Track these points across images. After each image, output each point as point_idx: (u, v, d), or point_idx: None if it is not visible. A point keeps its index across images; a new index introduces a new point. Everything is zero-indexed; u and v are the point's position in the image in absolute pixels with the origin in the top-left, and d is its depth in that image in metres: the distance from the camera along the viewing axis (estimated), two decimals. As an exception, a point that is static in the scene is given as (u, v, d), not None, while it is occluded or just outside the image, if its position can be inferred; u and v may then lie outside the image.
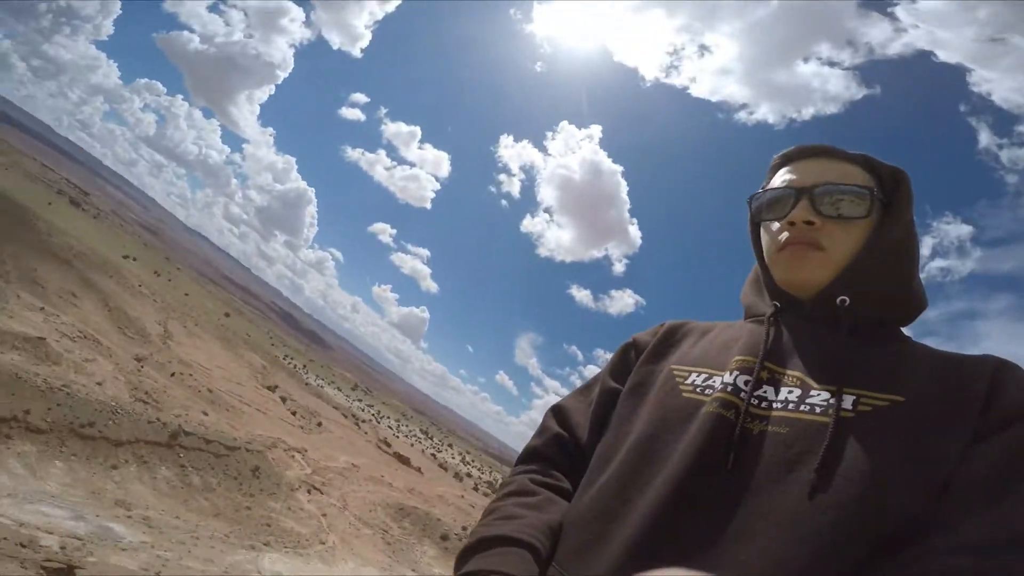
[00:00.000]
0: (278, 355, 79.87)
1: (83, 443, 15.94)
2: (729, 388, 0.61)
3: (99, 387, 19.58)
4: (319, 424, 46.32)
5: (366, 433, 61.02)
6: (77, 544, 11.77)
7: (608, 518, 0.58)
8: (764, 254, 0.72)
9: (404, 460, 55.23)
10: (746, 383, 0.60)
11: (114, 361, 24.17)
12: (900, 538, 0.47)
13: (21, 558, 9.96)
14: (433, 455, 78.25)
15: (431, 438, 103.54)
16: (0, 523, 11.19)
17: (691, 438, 0.58)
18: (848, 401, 0.54)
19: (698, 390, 0.64)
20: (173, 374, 30.06)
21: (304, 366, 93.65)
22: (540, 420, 0.84)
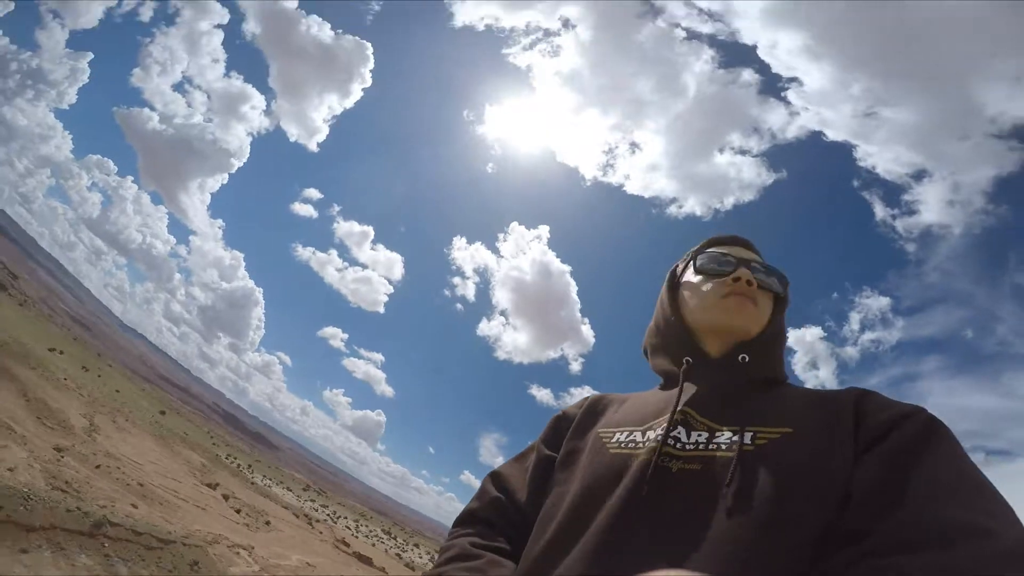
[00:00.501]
0: (219, 454, 73.21)
1: None
2: (650, 439, 0.69)
3: (10, 473, 16.99)
4: (267, 523, 41.40)
5: (321, 533, 54.99)
6: None
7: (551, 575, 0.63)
8: (696, 304, 0.81)
9: (366, 560, 49.68)
10: (663, 429, 0.69)
11: (28, 449, 21.22)
12: (820, 547, 0.53)
13: None
14: (398, 555, 71.52)
15: (394, 538, 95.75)
16: None
17: (619, 486, 0.65)
18: (748, 437, 0.63)
19: (623, 445, 0.72)
20: (98, 466, 26.53)
21: (249, 466, 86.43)
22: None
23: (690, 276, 0.85)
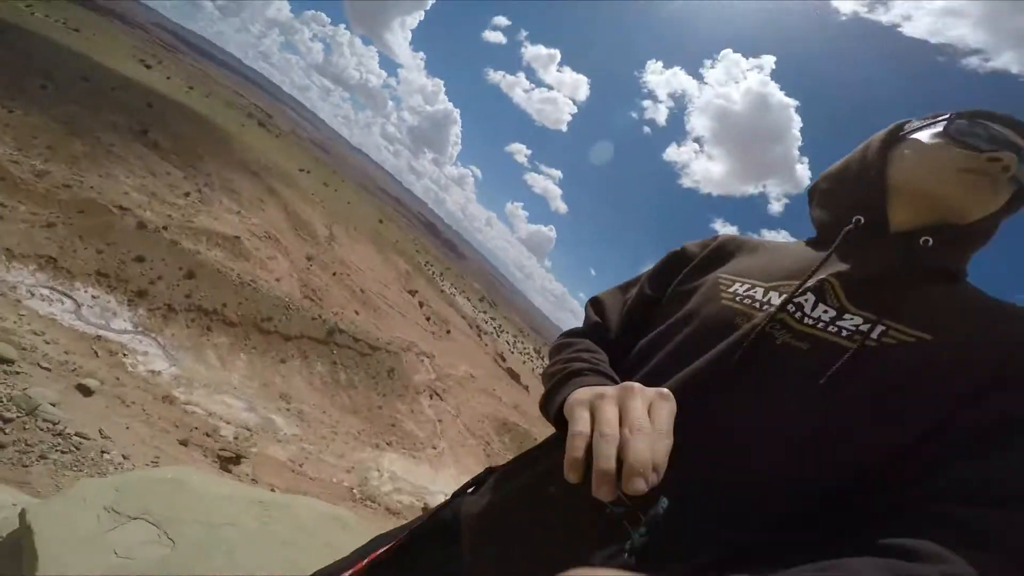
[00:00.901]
0: (420, 261, 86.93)
1: (262, 337, 19.25)
2: (770, 301, 0.60)
3: (277, 283, 23.31)
4: (448, 332, 50.90)
5: (486, 345, 65.44)
6: (246, 435, 14.50)
7: None
8: (918, 165, 0.65)
9: (515, 376, 58.67)
10: (789, 293, 0.60)
11: (290, 259, 28.66)
12: (888, 473, 0.48)
13: (204, 447, 12.54)
14: (541, 375, 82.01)
15: (543, 358, 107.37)
16: (195, 413, 14.01)
17: (715, 347, 0.58)
18: (877, 331, 0.53)
19: (737, 299, 0.63)
20: (335, 273, 34.95)
21: (441, 274, 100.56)
22: None
23: (926, 136, 0.67)
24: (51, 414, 8.59)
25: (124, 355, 15.22)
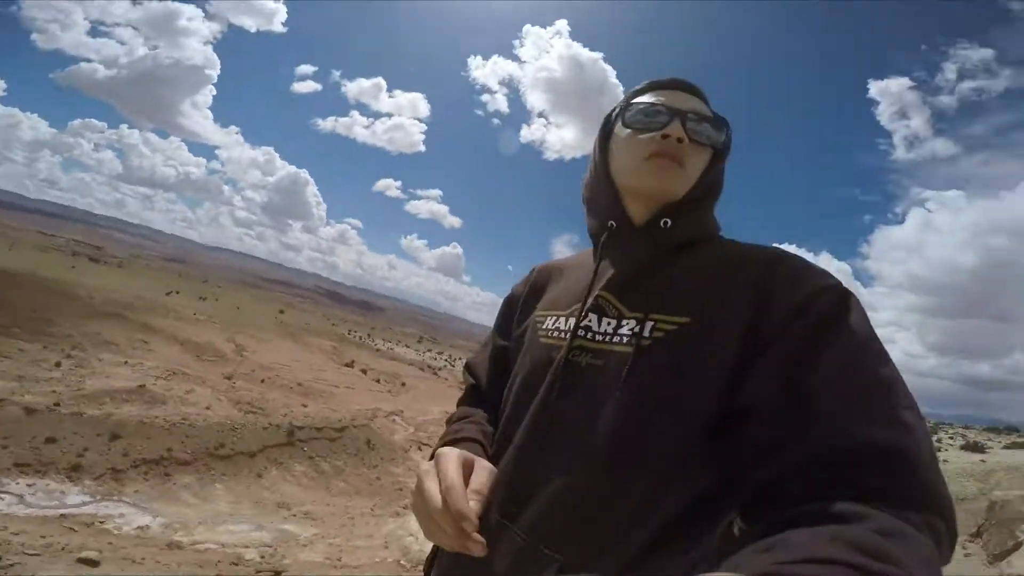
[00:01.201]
0: (342, 332, 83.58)
1: (225, 463, 17.71)
2: (569, 328, 0.68)
3: (209, 412, 21.25)
4: (403, 384, 49.09)
5: (446, 379, 64.33)
6: (270, 551, 13.44)
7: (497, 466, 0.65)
8: (621, 163, 0.73)
9: (489, 394, 58.64)
10: (576, 318, 0.67)
11: (209, 386, 25.97)
12: (723, 455, 0.53)
13: (239, 575, 11.66)
14: None
15: None
16: (210, 549, 12.95)
17: (542, 385, 0.66)
18: (647, 328, 0.60)
19: (551, 334, 0.71)
20: (263, 380, 32.15)
21: (368, 335, 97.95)
22: None
23: (620, 128, 0.75)
24: (76, 593, 8.18)
25: (101, 522, 13.79)
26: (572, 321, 0.68)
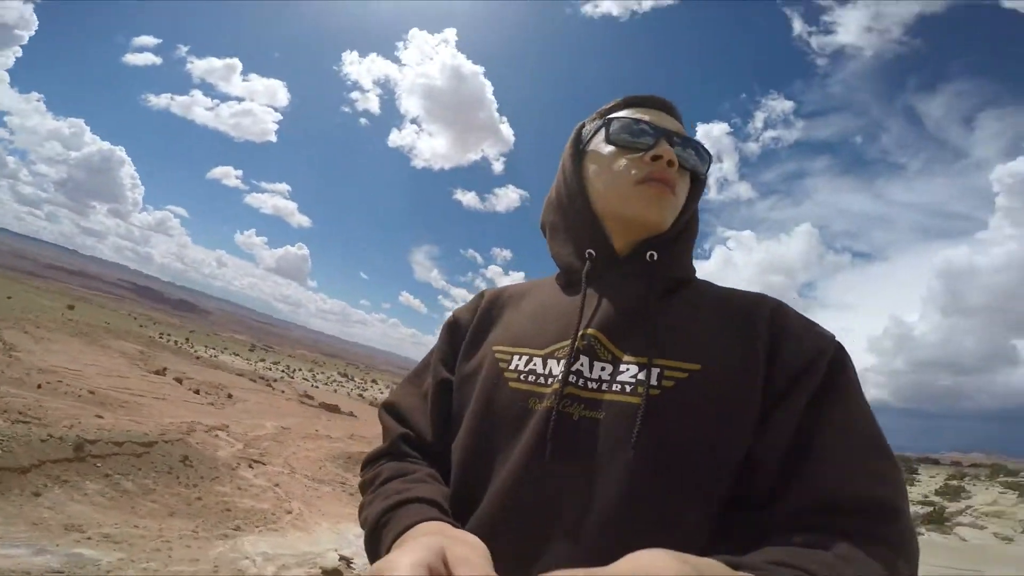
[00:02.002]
0: (151, 335, 71.55)
1: None
2: (553, 375, 0.60)
3: None
4: (229, 396, 43.51)
5: (283, 392, 58.49)
6: None
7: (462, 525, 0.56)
8: (604, 186, 0.68)
9: (333, 408, 54.41)
10: (566, 363, 0.59)
11: (-42, 390, 20.38)
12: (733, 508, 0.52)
13: None
14: (360, 395, 77.73)
15: (352, 379, 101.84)
16: None
17: (520, 440, 0.57)
18: (655, 376, 0.55)
19: (522, 377, 0.62)
20: (40, 386, 26.07)
21: (187, 339, 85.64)
22: None
23: (599, 145, 0.69)
24: None
25: None
26: (554, 364, 0.60)
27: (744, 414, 0.53)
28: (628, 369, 0.58)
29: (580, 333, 0.61)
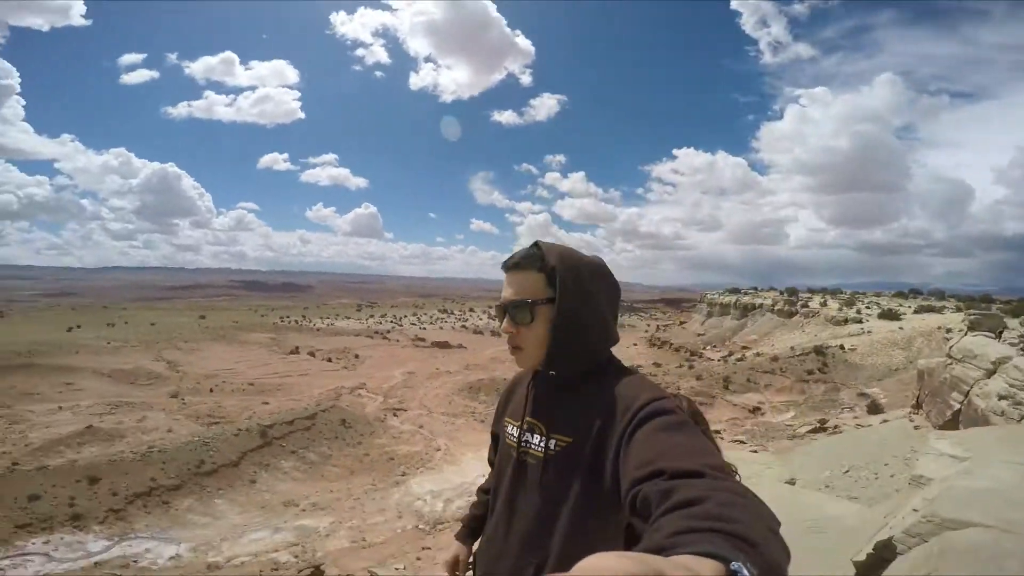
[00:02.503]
0: (274, 321, 79.50)
1: (214, 478, 17.28)
2: (518, 438, 1.01)
3: (171, 433, 20.34)
4: (356, 356, 48.24)
5: (398, 340, 63.43)
6: (299, 549, 13.78)
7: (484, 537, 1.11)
8: None
9: (444, 345, 58.46)
10: (519, 432, 1.02)
11: (158, 409, 24.69)
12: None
13: None
14: (463, 326, 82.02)
15: (452, 313, 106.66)
16: (244, 562, 13.08)
17: (506, 478, 1.02)
18: (552, 444, 0.93)
19: (511, 439, 1.03)
20: (211, 390, 30.84)
21: (303, 316, 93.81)
22: (527, 244, 1.03)
23: None
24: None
25: (135, 561, 14.15)
26: (516, 431, 1.02)
27: (604, 467, 0.81)
28: (543, 439, 0.95)
29: (526, 416, 1.01)
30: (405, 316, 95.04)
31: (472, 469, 17.88)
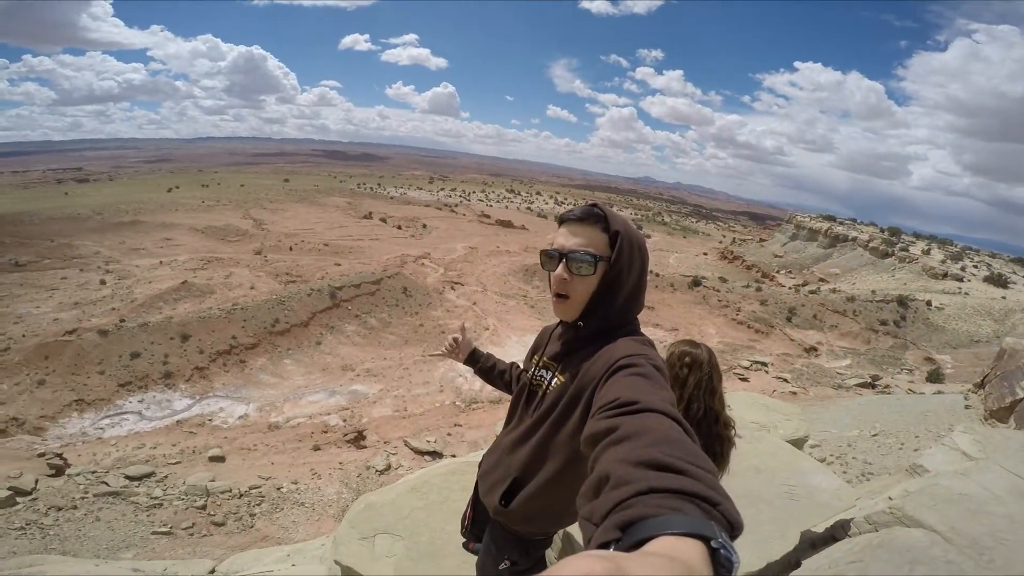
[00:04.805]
0: (352, 187, 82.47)
1: (285, 337, 19.25)
2: (534, 372, 1.16)
3: (254, 291, 22.46)
4: (424, 226, 49.78)
5: (464, 215, 64.43)
6: (348, 414, 15.41)
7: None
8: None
9: (507, 224, 58.73)
10: (537, 368, 1.16)
11: (244, 265, 27.14)
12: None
13: (331, 441, 13.71)
14: (528, 209, 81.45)
15: (519, 194, 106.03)
16: (300, 423, 15.01)
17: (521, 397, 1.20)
18: (553, 381, 1.07)
19: (529, 371, 1.19)
20: (291, 248, 33.28)
21: (378, 184, 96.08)
22: (607, 137, 1.30)
23: None
24: (220, 486, 10.98)
25: (210, 420, 15.97)
26: (532, 367, 1.18)
27: (572, 414, 0.99)
28: (548, 374, 1.10)
29: (543, 357, 1.15)
30: (474, 192, 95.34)
31: (516, 353, 18.53)
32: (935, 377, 18.68)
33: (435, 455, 12.53)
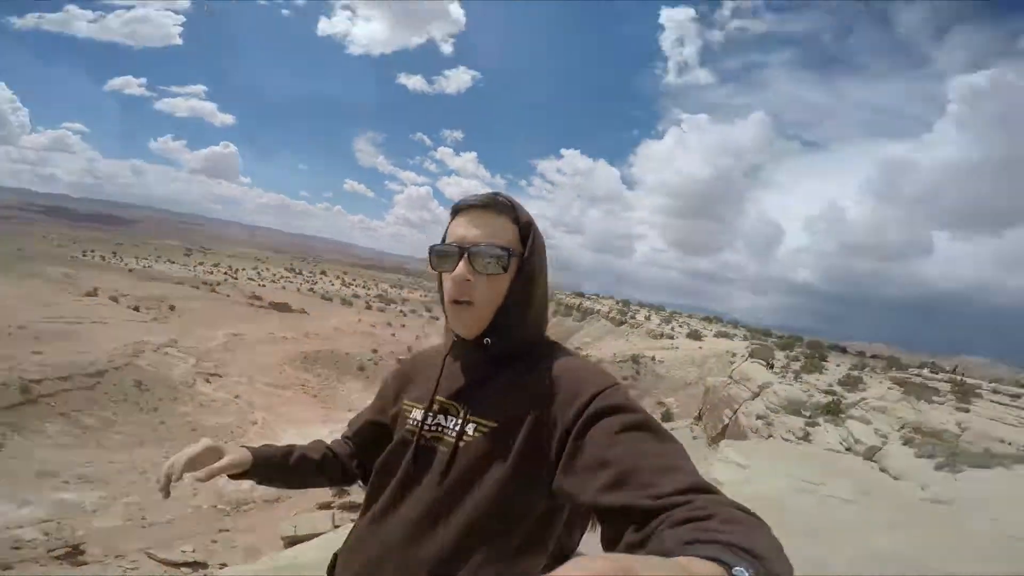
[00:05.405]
0: (74, 255, 66.34)
1: None
2: (422, 422, 0.84)
3: None
4: (172, 308, 42.30)
5: (228, 295, 56.86)
6: (54, 526, 11.56)
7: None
8: (444, 300, 0.84)
9: (284, 307, 54.17)
10: (422, 415, 0.85)
11: None
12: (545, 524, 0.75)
13: (28, 557, 9.95)
14: (311, 290, 76.62)
15: (300, 273, 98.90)
16: None
17: (402, 463, 0.83)
18: (470, 428, 0.78)
19: (411, 424, 0.86)
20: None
21: (114, 253, 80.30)
22: (402, 215, 1.14)
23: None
24: None
25: None
26: (419, 414, 0.85)
27: (533, 462, 0.72)
28: (457, 422, 0.80)
29: (437, 397, 0.85)
30: (243, 269, 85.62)
31: (300, 441, 17.28)
32: (667, 417, 22.86)
33: (198, 566, 10.70)
